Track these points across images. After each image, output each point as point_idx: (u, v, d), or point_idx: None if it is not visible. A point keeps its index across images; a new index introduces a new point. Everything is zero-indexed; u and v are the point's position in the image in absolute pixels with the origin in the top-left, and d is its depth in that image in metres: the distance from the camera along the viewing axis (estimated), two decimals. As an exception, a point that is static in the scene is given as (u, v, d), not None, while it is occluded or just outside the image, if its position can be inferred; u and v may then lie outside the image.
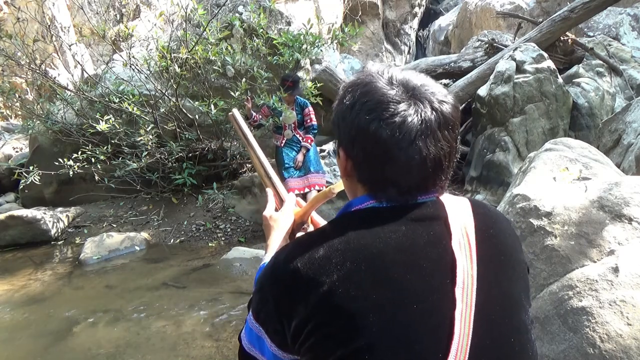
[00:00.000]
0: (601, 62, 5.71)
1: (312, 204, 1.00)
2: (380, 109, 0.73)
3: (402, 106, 0.73)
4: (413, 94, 0.75)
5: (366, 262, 0.71)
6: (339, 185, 0.89)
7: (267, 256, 0.94)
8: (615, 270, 1.65)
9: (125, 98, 5.14)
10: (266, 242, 1.00)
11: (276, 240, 0.97)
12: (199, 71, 5.22)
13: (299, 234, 1.00)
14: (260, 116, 4.81)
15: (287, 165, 4.71)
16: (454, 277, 0.72)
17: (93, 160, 4.90)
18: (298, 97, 4.82)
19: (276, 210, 1.05)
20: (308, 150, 4.77)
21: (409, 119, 0.72)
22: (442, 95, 0.76)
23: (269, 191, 1.08)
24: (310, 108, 4.82)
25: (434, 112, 0.74)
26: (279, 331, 0.75)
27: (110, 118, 4.90)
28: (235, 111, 1.14)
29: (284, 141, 4.79)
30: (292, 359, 0.77)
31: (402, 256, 0.72)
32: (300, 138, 4.79)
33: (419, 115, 0.73)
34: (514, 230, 0.89)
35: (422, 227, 0.75)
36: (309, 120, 4.78)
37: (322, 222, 1.03)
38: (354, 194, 0.83)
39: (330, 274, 0.70)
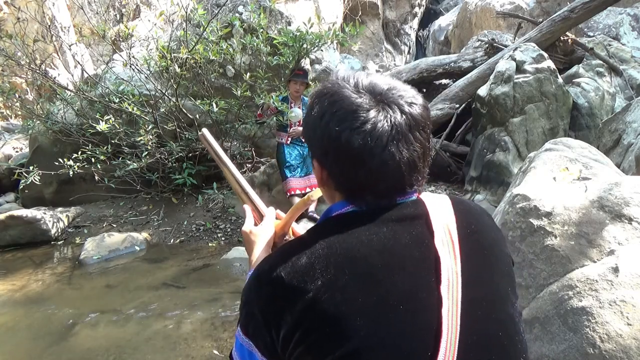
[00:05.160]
0: (601, 62, 5.71)
1: (291, 214, 1.00)
2: (350, 118, 0.73)
3: (372, 113, 0.73)
4: (381, 99, 0.75)
5: (349, 266, 0.71)
6: (317, 192, 0.89)
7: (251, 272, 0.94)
8: (615, 270, 1.65)
9: (125, 98, 5.14)
10: (249, 258, 0.98)
11: (258, 255, 0.95)
12: (199, 71, 5.22)
13: (286, 243, 0.99)
14: (269, 113, 4.78)
15: (288, 164, 4.70)
16: (439, 275, 0.72)
17: (93, 160, 4.90)
18: (304, 97, 4.82)
19: (255, 225, 1.03)
20: None
21: (379, 125, 0.72)
22: (410, 97, 0.76)
23: (247, 207, 1.06)
24: None
25: (403, 116, 0.74)
26: (268, 343, 0.75)
27: (110, 118, 4.90)
28: (205, 130, 1.12)
29: (289, 140, 4.77)
30: None
31: (385, 257, 0.72)
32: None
33: (389, 121, 0.73)
34: (496, 224, 0.90)
35: (403, 227, 0.76)
36: None
37: (302, 232, 1.02)
38: (333, 201, 0.83)
39: (314, 280, 0.70)
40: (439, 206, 0.80)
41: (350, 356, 0.67)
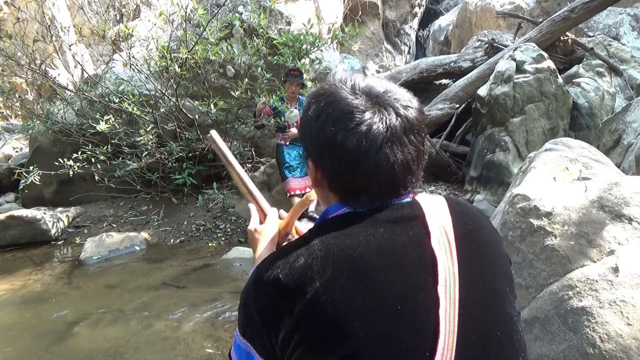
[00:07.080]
0: (601, 62, 5.71)
1: (292, 214, 1.01)
2: (346, 119, 0.74)
3: (367, 114, 0.74)
4: (377, 101, 0.76)
5: (347, 267, 0.71)
6: (315, 193, 0.89)
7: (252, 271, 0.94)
8: (615, 270, 1.65)
9: (125, 98, 5.14)
10: (254, 256, 0.98)
11: (263, 253, 0.95)
12: (199, 71, 5.22)
13: (284, 245, 1.00)
14: (264, 116, 4.79)
15: (287, 164, 4.70)
16: (436, 276, 0.72)
17: (93, 160, 4.90)
18: (300, 97, 4.82)
19: (260, 223, 1.04)
20: None
21: (374, 126, 0.73)
22: (406, 100, 0.77)
23: (252, 206, 1.07)
24: None
25: (399, 118, 0.75)
26: (266, 346, 0.75)
27: (110, 118, 4.90)
28: (214, 132, 1.14)
29: (289, 141, 4.76)
30: None
31: (383, 258, 0.72)
32: None
33: (384, 123, 0.74)
34: (492, 225, 0.90)
35: (400, 228, 0.76)
36: None
37: (305, 232, 1.03)
38: (328, 202, 0.83)
39: (312, 281, 0.70)
40: (435, 207, 0.81)
41: (350, 356, 0.67)
